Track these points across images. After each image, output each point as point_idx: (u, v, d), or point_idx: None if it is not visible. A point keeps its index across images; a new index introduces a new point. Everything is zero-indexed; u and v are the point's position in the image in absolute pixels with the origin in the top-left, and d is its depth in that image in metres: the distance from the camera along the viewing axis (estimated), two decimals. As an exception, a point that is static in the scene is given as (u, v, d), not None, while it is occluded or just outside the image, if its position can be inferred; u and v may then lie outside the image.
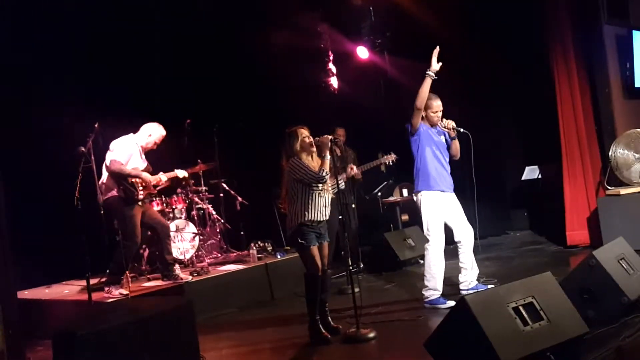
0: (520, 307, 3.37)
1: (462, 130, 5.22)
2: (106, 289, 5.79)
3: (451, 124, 5.23)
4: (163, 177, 6.23)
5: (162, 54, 7.69)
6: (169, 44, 7.70)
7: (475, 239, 5.39)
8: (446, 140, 5.35)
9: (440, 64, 5.04)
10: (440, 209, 5.20)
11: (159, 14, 7.47)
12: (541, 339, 3.29)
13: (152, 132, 6.12)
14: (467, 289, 5.27)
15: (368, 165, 6.80)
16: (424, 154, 5.21)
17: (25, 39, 6.50)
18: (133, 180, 5.88)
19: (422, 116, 5.22)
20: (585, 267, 4.10)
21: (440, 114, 5.24)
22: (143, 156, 6.10)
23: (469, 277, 5.34)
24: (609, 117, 7.03)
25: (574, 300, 3.67)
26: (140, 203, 5.92)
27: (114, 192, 5.84)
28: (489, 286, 5.19)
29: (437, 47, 5.06)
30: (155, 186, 6.19)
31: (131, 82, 7.30)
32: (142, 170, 5.99)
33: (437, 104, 5.23)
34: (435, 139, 5.26)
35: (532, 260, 6.84)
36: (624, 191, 6.59)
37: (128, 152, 5.95)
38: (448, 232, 5.33)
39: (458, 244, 5.33)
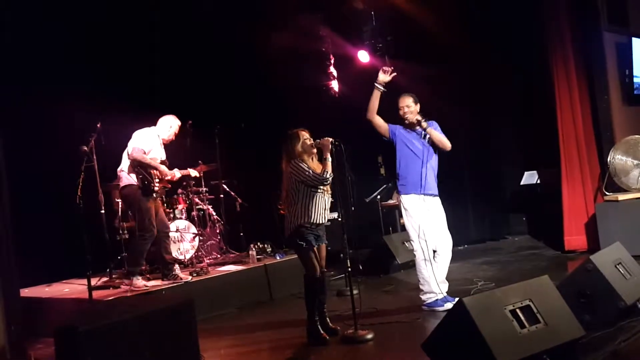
0: (518, 310, 3.41)
1: (423, 121, 5.09)
2: (126, 281, 5.84)
3: (416, 117, 5.15)
4: (177, 173, 6.35)
5: (163, 55, 7.72)
6: (170, 44, 7.74)
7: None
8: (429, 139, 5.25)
9: (389, 77, 5.09)
10: (421, 212, 5.13)
11: (161, 14, 7.51)
12: (538, 342, 3.32)
13: (172, 124, 6.26)
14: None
15: None
16: (400, 157, 5.20)
17: (27, 37, 6.53)
18: (151, 171, 5.96)
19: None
20: (582, 271, 4.13)
21: (405, 109, 5.19)
22: (162, 148, 6.22)
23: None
24: (608, 123, 7.08)
25: (571, 303, 3.70)
26: (154, 195, 5.99)
27: (133, 182, 5.89)
28: (457, 298, 5.09)
29: (392, 68, 5.10)
30: (169, 181, 6.30)
31: (133, 83, 7.34)
32: (161, 163, 6.09)
33: (400, 102, 5.23)
34: (414, 142, 5.20)
35: (530, 264, 6.87)
36: (622, 197, 6.63)
37: (151, 142, 6.04)
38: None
39: (435, 253, 5.21)
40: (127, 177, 5.94)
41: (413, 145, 5.21)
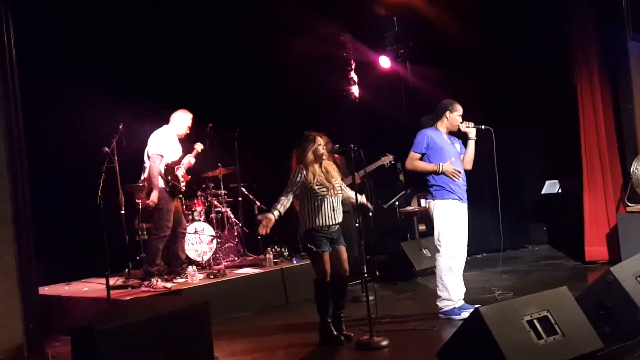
0: (535, 321, 3.38)
1: (483, 127, 5.22)
2: (146, 283, 5.91)
3: (472, 124, 5.25)
4: (191, 159, 6.47)
5: (185, 58, 7.79)
6: (191, 48, 7.80)
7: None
8: (461, 148, 5.34)
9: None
10: (454, 218, 5.14)
11: (182, 19, 7.56)
12: (555, 354, 3.29)
13: (185, 120, 6.38)
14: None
15: (367, 168, 6.82)
16: (436, 162, 5.17)
17: (50, 38, 6.60)
18: (177, 173, 6.18)
19: (445, 119, 5.26)
20: (602, 283, 4.07)
21: (461, 117, 5.29)
22: (178, 143, 6.38)
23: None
24: (632, 133, 6.96)
25: (590, 315, 3.66)
26: (180, 196, 6.24)
27: (160, 186, 6.07)
28: (477, 306, 5.07)
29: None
30: (188, 170, 6.49)
31: (154, 86, 7.40)
32: (178, 156, 6.31)
33: (460, 107, 5.29)
34: (449, 147, 5.23)
35: (549, 274, 6.80)
36: (644, 208, 6.53)
37: (168, 144, 6.20)
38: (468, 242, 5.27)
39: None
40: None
41: (454, 151, 5.25)
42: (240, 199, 7.68)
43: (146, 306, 4.10)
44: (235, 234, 7.53)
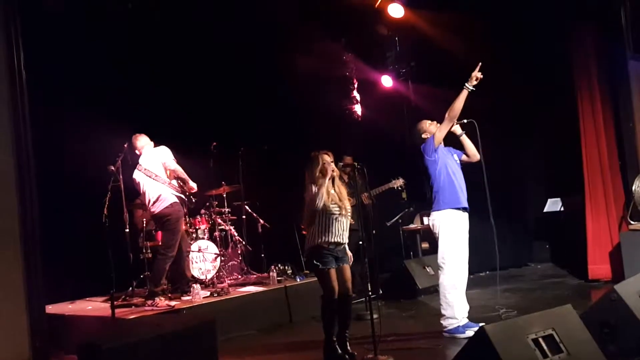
0: (540, 339, 3.38)
1: (465, 121, 5.18)
2: (149, 302, 5.92)
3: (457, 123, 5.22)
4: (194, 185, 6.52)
5: (188, 77, 7.86)
6: (195, 67, 7.87)
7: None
8: (458, 157, 5.32)
9: (479, 76, 5.09)
10: (459, 229, 5.09)
11: (184, 32, 7.64)
12: (560, 372, 3.29)
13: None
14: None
15: (377, 190, 6.88)
16: (445, 172, 5.13)
17: (54, 57, 6.67)
18: (185, 188, 6.24)
19: (428, 137, 5.22)
20: (606, 301, 4.07)
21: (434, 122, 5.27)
22: None
23: None
24: (633, 151, 7.00)
25: (594, 334, 3.66)
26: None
27: (174, 203, 6.09)
28: (481, 324, 5.05)
29: (480, 63, 5.10)
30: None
31: (158, 105, 7.47)
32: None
33: (426, 120, 5.30)
34: (452, 157, 5.24)
35: (552, 292, 6.79)
36: (647, 226, 6.55)
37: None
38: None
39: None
40: (164, 201, 6.09)
41: (452, 159, 5.23)
42: (244, 217, 7.70)
43: (152, 324, 4.12)
44: (239, 252, 7.54)
